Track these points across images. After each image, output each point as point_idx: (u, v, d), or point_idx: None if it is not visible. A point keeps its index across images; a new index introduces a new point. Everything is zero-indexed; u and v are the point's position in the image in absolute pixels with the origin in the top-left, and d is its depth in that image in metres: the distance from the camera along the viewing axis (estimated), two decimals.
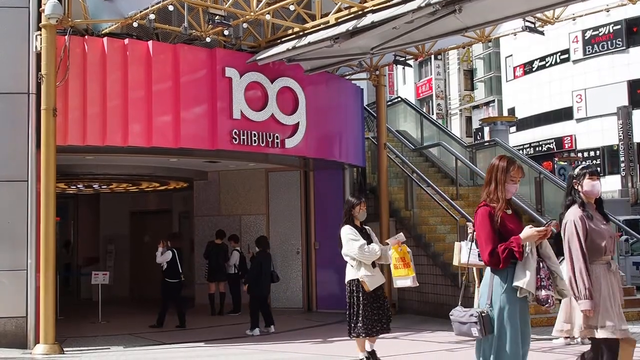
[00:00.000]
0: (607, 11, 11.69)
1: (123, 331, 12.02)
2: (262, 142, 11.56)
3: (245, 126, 11.37)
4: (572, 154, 33.57)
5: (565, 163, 26.66)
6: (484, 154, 18.22)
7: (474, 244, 8.12)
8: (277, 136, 11.77)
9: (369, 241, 8.04)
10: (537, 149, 38.20)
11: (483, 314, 4.69)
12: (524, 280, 4.62)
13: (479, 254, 8.01)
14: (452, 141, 18.98)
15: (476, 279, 8.46)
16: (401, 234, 8.25)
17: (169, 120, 10.85)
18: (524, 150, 36.64)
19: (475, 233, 4.87)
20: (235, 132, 11.24)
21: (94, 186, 17.04)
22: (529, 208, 14.58)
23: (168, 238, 13.00)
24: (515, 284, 4.65)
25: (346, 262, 8.34)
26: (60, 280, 13.40)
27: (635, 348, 5.90)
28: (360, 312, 7.83)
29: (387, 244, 8.10)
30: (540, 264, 4.71)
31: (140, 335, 11.59)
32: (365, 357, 8.11)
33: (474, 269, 8.50)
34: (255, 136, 11.45)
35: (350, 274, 8.02)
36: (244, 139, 11.32)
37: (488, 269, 4.80)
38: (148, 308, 13.93)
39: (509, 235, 4.67)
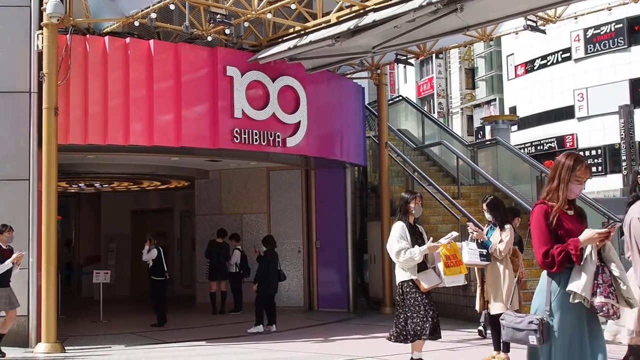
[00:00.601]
0: (609, 10, 11.69)
1: (124, 330, 12.03)
2: (264, 141, 11.56)
3: (247, 125, 11.37)
4: None
5: None
6: (485, 152, 18.20)
7: (474, 243, 8.12)
8: (278, 135, 11.77)
9: (421, 241, 7.57)
10: (538, 147, 38.13)
11: (544, 321, 4.29)
12: (578, 284, 4.21)
13: (480, 254, 7.96)
14: (454, 140, 18.96)
15: (477, 278, 8.44)
16: (454, 232, 7.99)
17: (171, 119, 10.86)
18: (525, 149, 36.59)
19: (529, 231, 4.58)
20: (237, 131, 11.24)
21: (96, 185, 17.06)
22: (530, 207, 14.56)
23: (154, 236, 13.25)
24: (568, 288, 4.26)
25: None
26: (62, 279, 13.41)
27: None
28: (422, 312, 7.36)
29: (437, 246, 7.61)
30: (601, 268, 4.29)
31: (141, 334, 11.59)
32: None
33: (475, 268, 8.47)
34: (256, 135, 11.45)
35: (403, 274, 7.55)
36: (245, 138, 11.32)
37: (544, 272, 4.44)
38: (149, 307, 13.92)
39: (567, 236, 4.32)
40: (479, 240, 8.14)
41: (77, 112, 10.33)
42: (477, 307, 8.43)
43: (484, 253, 8.09)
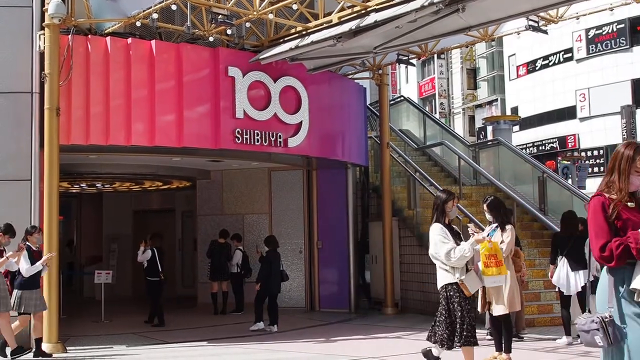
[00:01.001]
0: (611, 10, 11.69)
1: (126, 330, 12.03)
2: (265, 142, 11.56)
3: (248, 125, 11.38)
4: (576, 153, 33.46)
5: (569, 162, 26.60)
6: (487, 153, 18.19)
7: (478, 245, 8.12)
8: (280, 135, 11.77)
9: (459, 242, 7.10)
10: (540, 148, 38.11)
11: (606, 319, 3.96)
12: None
13: None
14: (455, 140, 18.95)
15: None
16: (493, 224, 7.81)
17: (172, 120, 10.86)
18: (527, 150, 36.57)
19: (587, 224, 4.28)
20: (238, 132, 11.24)
21: (97, 185, 17.06)
22: (532, 207, 14.56)
23: (150, 238, 13.33)
24: (632, 286, 3.93)
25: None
26: (64, 279, 13.41)
27: None
28: (466, 318, 6.92)
29: (483, 239, 7.17)
30: None
31: (143, 334, 11.60)
32: None
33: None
34: (258, 135, 11.45)
35: (445, 277, 7.06)
36: (246, 138, 11.33)
37: (604, 268, 4.16)
38: (149, 307, 13.92)
39: (628, 229, 4.00)
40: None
41: (79, 112, 10.34)
42: (479, 308, 8.40)
43: None
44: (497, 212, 8.24)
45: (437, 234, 6.98)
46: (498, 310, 8.01)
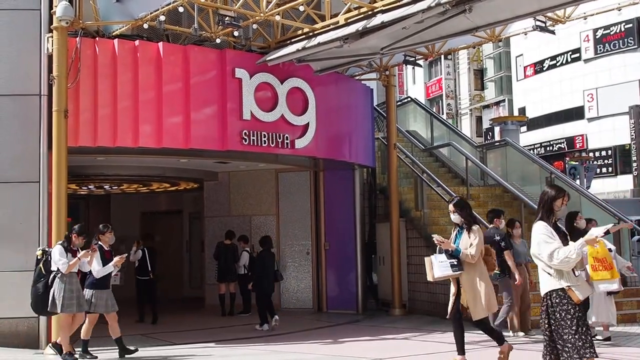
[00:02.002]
0: (619, 10, 11.66)
1: (134, 331, 12.03)
2: (272, 143, 11.57)
3: (255, 127, 11.39)
4: (584, 154, 33.39)
5: (577, 163, 26.55)
6: (494, 154, 18.15)
7: (443, 255, 7.94)
8: (287, 137, 11.78)
9: (566, 244, 6.07)
10: (548, 148, 38.03)
11: None
12: None
13: (451, 265, 7.80)
14: (462, 141, 18.93)
15: (453, 287, 8.12)
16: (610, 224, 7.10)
17: (179, 121, 10.89)
18: (535, 150, 36.49)
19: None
20: (245, 133, 11.26)
21: (105, 187, 17.10)
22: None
23: (142, 238, 13.98)
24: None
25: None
26: None
27: None
28: (574, 328, 5.86)
29: (597, 239, 6.07)
30: None
31: (150, 335, 11.62)
32: None
33: (451, 278, 8.12)
34: (265, 137, 11.47)
35: (550, 282, 6.00)
36: (254, 140, 11.34)
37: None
38: (158, 308, 13.94)
39: None
40: (448, 251, 7.91)
41: (87, 114, 10.38)
42: (448, 315, 8.24)
43: (455, 263, 7.88)
44: (464, 212, 8.06)
45: (541, 232, 6.04)
46: (478, 314, 7.88)
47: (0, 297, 10.12)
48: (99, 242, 9.49)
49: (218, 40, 11.22)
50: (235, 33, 11.15)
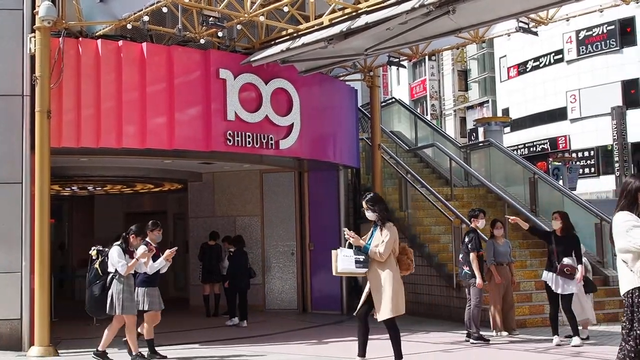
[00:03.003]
0: (601, 12, 11.74)
1: (117, 333, 11.97)
2: (257, 144, 11.57)
3: (240, 127, 11.38)
4: (567, 154, 33.60)
5: (560, 163, 26.69)
6: (478, 154, 18.25)
7: (350, 250, 7.64)
8: (271, 137, 11.78)
9: None
10: (531, 149, 38.24)
11: None
12: None
13: (356, 261, 7.50)
14: (447, 142, 19.02)
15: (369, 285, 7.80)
16: None
17: (163, 122, 10.85)
18: (519, 151, 36.68)
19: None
20: (230, 134, 11.24)
21: (89, 188, 17.02)
22: (523, 208, 14.61)
23: (115, 238, 13.53)
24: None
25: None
26: (55, 282, 13.37)
27: None
28: None
29: None
30: None
31: None
32: None
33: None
34: (249, 137, 11.46)
35: (630, 280, 5.19)
36: (238, 140, 11.33)
37: None
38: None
39: None
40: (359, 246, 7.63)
41: (70, 115, 10.32)
42: (355, 312, 8.00)
43: (361, 259, 7.56)
44: (378, 208, 7.73)
45: (625, 220, 5.18)
46: (383, 314, 7.60)
47: None
48: (147, 239, 9.26)
49: (202, 41, 11.20)
50: (220, 34, 11.13)
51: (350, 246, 7.68)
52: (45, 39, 10.02)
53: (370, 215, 7.77)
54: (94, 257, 9.15)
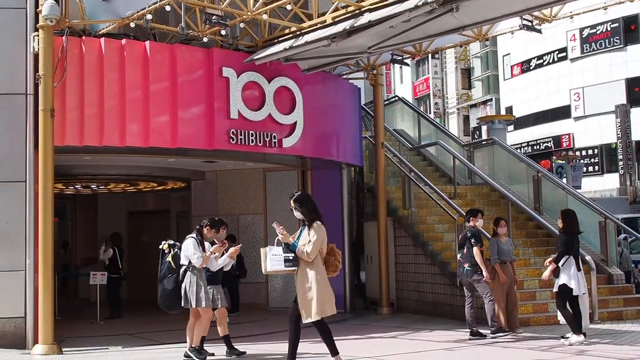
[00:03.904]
0: (605, 9, 11.71)
1: (121, 331, 12.03)
2: (260, 142, 11.56)
3: (243, 126, 11.37)
4: (570, 153, 33.57)
5: (563, 162, 26.70)
6: (481, 152, 18.23)
7: (280, 248, 7.53)
8: (274, 136, 11.77)
9: None
10: (535, 147, 38.21)
11: None
12: None
13: (285, 259, 7.40)
14: (450, 140, 18.99)
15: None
16: None
17: (167, 120, 10.85)
18: (522, 149, 36.65)
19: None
20: (233, 132, 11.24)
21: (92, 186, 17.02)
22: (527, 207, 14.59)
23: (110, 238, 14.44)
24: None
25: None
26: (59, 281, 13.42)
27: None
28: None
29: None
30: None
31: (138, 335, 11.59)
32: None
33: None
34: (252, 136, 11.45)
35: None
36: (241, 139, 11.32)
37: None
38: (146, 308, 13.91)
39: None
40: (288, 245, 7.52)
41: (73, 113, 10.33)
42: (289, 313, 7.85)
43: (290, 258, 7.44)
44: (304, 208, 7.62)
45: None
46: (308, 317, 7.47)
47: None
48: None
49: (205, 39, 11.19)
50: (223, 32, 11.14)
51: (279, 243, 7.57)
52: (49, 37, 10.03)
53: (297, 214, 7.66)
54: (165, 251, 9.00)
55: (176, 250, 8.98)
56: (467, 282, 10.53)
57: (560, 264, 9.60)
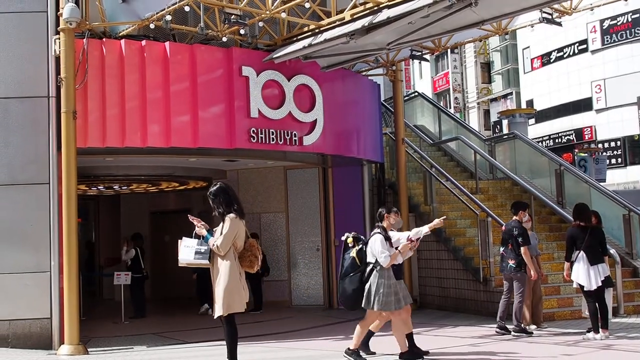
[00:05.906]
0: (625, 0, 11.58)
1: (146, 331, 12.10)
2: (280, 140, 11.58)
3: (263, 124, 11.40)
4: (593, 145, 33.29)
5: (586, 154, 26.44)
6: (503, 147, 18.13)
7: (194, 240, 7.37)
8: (295, 134, 11.79)
9: None
10: (556, 140, 37.92)
11: None
12: None
13: (196, 252, 7.21)
14: (471, 135, 18.90)
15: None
16: None
17: (187, 120, 10.91)
18: (544, 143, 36.41)
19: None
20: (253, 131, 11.27)
21: (114, 187, 17.16)
22: (549, 201, 14.50)
23: (131, 238, 14.65)
24: None
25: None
26: (83, 281, 13.55)
27: None
28: None
29: None
30: None
31: (163, 334, 11.66)
32: None
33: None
34: (273, 134, 11.47)
35: None
36: (262, 138, 11.35)
37: None
38: (170, 307, 14.00)
39: None
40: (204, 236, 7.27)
41: (95, 115, 10.41)
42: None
43: (202, 250, 7.27)
44: (217, 200, 7.50)
45: None
46: (216, 311, 7.20)
47: (13, 299, 10.16)
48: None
49: (224, 39, 11.23)
50: (242, 31, 11.16)
51: (196, 236, 7.41)
52: (70, 40, 10.11)
53: (213, 207, 7.48)
54: (350, 245, 8.27)
55: (361, 245, 8.23)
56: (509, 277, 10.43)
57: (572, 259, 9.57)
